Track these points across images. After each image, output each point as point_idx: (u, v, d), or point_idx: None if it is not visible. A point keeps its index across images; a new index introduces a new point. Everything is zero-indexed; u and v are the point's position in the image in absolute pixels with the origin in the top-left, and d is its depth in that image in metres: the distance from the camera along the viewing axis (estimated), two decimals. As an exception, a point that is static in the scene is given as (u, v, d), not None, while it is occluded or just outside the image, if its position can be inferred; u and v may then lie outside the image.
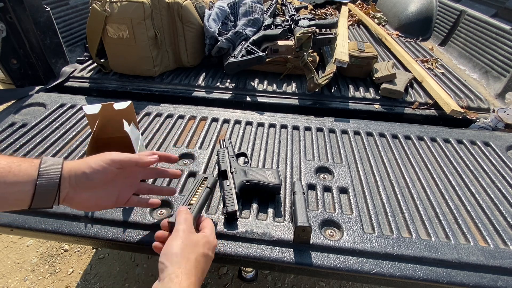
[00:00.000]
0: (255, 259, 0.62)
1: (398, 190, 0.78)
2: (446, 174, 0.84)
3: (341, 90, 1.24)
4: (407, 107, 1.16)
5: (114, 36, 1.17)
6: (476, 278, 0.59)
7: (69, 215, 0.68)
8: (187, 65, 1.35)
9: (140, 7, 1.11)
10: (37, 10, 1.17)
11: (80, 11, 1.54)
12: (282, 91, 1.22)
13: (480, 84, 1.42)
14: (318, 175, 0.82)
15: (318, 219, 0.68)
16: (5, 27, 1.11)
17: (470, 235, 0.67)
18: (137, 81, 1.27)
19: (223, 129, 1.00)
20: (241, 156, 0.87)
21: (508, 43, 1.36)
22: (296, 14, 1.66)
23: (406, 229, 0.68)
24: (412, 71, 1.36)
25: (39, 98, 1.13)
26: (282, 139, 0.95)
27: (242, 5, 1.48)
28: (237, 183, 0.71)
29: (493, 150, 0.95)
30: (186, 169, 0.81)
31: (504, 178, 0.84)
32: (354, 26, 2.09)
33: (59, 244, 1.49)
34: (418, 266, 0.61)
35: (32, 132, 0.95)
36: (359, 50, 1.30)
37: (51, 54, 1.26)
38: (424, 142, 0.97)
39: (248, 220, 0.67)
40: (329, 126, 1.02)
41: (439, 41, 1.84)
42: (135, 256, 1.43)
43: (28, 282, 1.32)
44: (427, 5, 1.97)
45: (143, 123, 1.01)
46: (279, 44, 1.29)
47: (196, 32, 1.29)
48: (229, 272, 1.38)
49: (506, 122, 1.07)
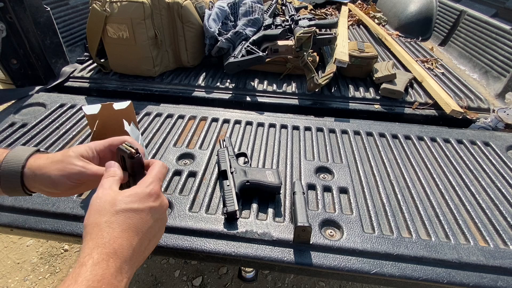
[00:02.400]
0: (255, 259, 0.62)
1: (398, 190, 0.78)
2: (446, 174, 0.84)
3: (341, 90, 1.24)
4: (407, 107, 1.16)
5: (114, 36, 1.17)
6: (476, 278, 0.59)
7: (69, 215, 0.68)
8: (187, 65, 1.35)
9: (140, 7, 1.11)
10: (37, 10, 1.17)
11: (80, 11, 1.54)
12: (282, 91, 1.22)
13: (480, 84, 1.42)
14: (318, 175, 0.82)
15: (318, 219, 0.68)
16: (5, 27, 1.11)
17: (470, 235, 0.67)
18: (137, 81, 1.27)
19: (223, 129, 1.00)
20: (241, 156, 0.87)
21: (508, 43, 1.36)
22: (296, 14, 1.66)
23: (406, 229, 0.68)
24: (412, 71, 1.36)
25: (39, 98, 1.13)
26: (282, 139, 0.95)
27: (242, 5, 1.48)
28: (237, 183, 0.71)
29: (493, 150, 0.95)
30: (186, 169, 0.81)
31: (504, 178, 0.84)
32: (354, 26, 2.09)
33: (59, 244, 1.49)
34: (418, 266, 0.61)
35: (32, 132, 0.95)
36: (359, 50, 1.30)
37: (51, 54, 1.26)
38: (424, 142, 0.97)
39: (248, 220, 0.67)
40: (329, 126, 1.02)
41: (439, 41, 1.84)
42: (135, 256, 1.43)
43: (28, 282, 1.32)
44: (427, 5, 1.97)
45: (143, 123, 1.01)
46: (279, 44, 1.29)
47: (196, 32, 1.29)
48: (229, 272, 1.38)
49: (506, 122, 1.07)
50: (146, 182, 0.43)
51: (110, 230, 0.36)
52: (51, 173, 0.44)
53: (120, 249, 0.35)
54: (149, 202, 0.41)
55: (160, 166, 0.47)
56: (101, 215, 0.37)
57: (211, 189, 0.75)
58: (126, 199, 0.39)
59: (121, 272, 0.34)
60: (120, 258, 0.35)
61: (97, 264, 0.33)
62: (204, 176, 0.80)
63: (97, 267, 0.32)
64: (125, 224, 0.37)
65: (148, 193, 0.41)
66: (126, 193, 0.40)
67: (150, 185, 0.43)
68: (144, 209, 0.40)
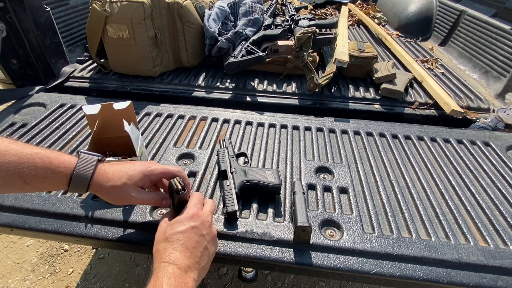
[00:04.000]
0: (255, 259, 0.62)
1: (398, 190, 0.78)
2: (446, 174, 0.84)
3: (341, 90, 1.23)
4: (407, 107, 1.16)
5: (114, 36, 1.17)
6: (476, 278, 0.59)
7: (69, 215, 0.68)
8: (187, 65, 1.35)
9: (140, 7, 1.11)
10: (37, 10, 1.17)
11: (80, 11, 1.54)
12: (282, 91, 1.22)
13: (480, 84, 1.42)
14: (318, 175, 0.82)
15: (318, 219, 0.68)
16: (5, 27, 1.11)
17: (470, 235, 0.67)
18: (137, 81, 1.27)
19: (223, 129, 1.00)
20: (241, 156, 0.87)
21: (508, 43, 1.36)
22: (296, 14, 1.66)
23: (406, 229, 0.68)
24: (412, 71, 1.36)
25: (39, 98, 1.13)
26: (282, 139, 0.95)
27: (242, 5, 1.48)
28: (237, 183, 0.71)
29: (493, 150, 0.95)
30: (186, 169, 0.81)
31: (504, 178, 0.84)
32: (354, 26, 2.09)
33: (59, 244, 1.49)
34: (418, 266, 0.61)
35: (32, 132, 0.95)
36: (359, 50, 1.30)
37: (51, 54, 1.26)
38: (424, 142, 0.97)
39: (248, 220, 0.67)
40: (329, 126, 1.02)
41: (439, 41, 1.84)
42: (135, 256, 1.43)
43: (28, 282, 1.32)
44: (427, 5, 1.97)
45: (143, 123, 1.01)
46: (279, 44, 1.29)
47: (196, 32, 1.29)
48: (229, 272, 1.38)
49: (506, 122, 1.07)
50: (187, 208, 0.54)
51: (166, 251, 0.48)
52: (110, 195, 0.54)
53: (176, 260, 0.46)
54: (190, 223, 0.51)
55: (197, 196, 0.58)
56: (158, 244, 0.50)
57: (211, 189, 0.75)
58: (171, 226, 0.51)
59: (185, 272, 0.46)
60: (177, 265, 0.46)
61: (160, 269, 0.45)
62: (204, 176, 0.80)
63: (162, 270, 0.45)
64: (174, 243, 0.49)
65: (188, 216, 0.52)
66: (172, 222, 0.53)
67: (190, 210, 0.54)
68: (186, 229, 0.51)
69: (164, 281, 0.43)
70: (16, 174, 0.47)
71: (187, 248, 0.48)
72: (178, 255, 0.47)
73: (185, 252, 0.48)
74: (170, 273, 0.44)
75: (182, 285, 0.44)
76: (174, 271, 0.44)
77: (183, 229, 0.50)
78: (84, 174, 0.51)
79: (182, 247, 0.48)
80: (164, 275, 0.44)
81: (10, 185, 0.47)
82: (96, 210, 0.69)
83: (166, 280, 0.43)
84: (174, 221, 0.52)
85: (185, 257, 0.47)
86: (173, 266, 0.45)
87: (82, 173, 0.51)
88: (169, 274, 0.44)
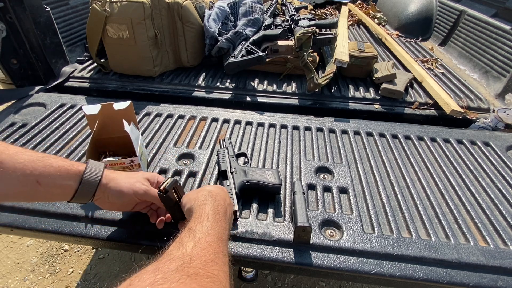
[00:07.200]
0: (255, 259, 0.62)
1: (398, 190, 0.78)
2: (446, 174, 0.84)
3: (341, 90, 1.23)
4: (407, 107, 1.16)
5: (114, 36, 1.17)
6: (476, 278, 0.59)
7: (69, 215, 0.68)
8: (187, 65, 1.35)
9: (140, 7, 1.11)
10: (37, 10, 1.17)
11: (80, 11, 1.53)
12: (282, 91, 1.22)
13: (480, 84, 1.42)
14: (318, 175, 0.82)
15: (318, 219, 0.68)
16: (5, 27, 1.11)
17: (470, 235, 0.67)
18: (137, 81, 1.27)
19: (223, 129, 1.00)
20: (241, 156, 0.87)
21: (508, 43, 1.35)
22: (296, 14, 1.66)
23: (406, 229, 0.68)
24: (412, 71, 1.36)
25: (39, 98, 1.13)
26: (282, 139, 0.95)
27: (242, 5, 1.48)
28: (237, 183, 0.71)
29: (493, 150, 0.95)
30: (186, 169, 0.81)
31: (504, 178, 0.84)
32: (354, 26, 2.09)
33: (59, 244, 1.49)
34: (418, 266, 0.61)
35: (32, 132, 0.95)
36: (359, 50, 1.30)
37: (51, 54, 1.26)
38: (424, 142, 0.97)
39: (248, 220, 0.67)
40: (329, 126, 1.02)
41: (439, 41, 1.84)
42: (135, 256, 1.43)
43: (28, 282, 1.32)
44: (427, 5, 1.97)
45: (143, 123, 1.01)
46: (279, 44, 1.29)
47: (196, 32, 1.29)
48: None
49: (506, 122, 1.07)
50: (184, 196, 0.58)
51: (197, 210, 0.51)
52: (122, 185, 0.56)
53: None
54: (203, 191, 0.55)
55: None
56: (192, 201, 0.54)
57: (211, 189, 0.75)
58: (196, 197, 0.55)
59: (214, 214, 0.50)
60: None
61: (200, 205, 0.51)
62: (204, 176, 0.80)
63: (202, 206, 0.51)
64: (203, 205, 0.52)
65: (195, 192, 0.57)
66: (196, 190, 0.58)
67: (188, 194, 0.57)
68: (206, 194, 0.54)
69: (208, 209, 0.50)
70: (30, 173, 0.48)
71: (208, 205, 0.52)
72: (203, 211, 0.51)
73: (209, 209, 0.51)
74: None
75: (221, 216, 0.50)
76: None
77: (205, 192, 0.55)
78: (93, 180, 0.54)
79: (204, 205, 0.52)
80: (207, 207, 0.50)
81: (22, 185, 0.48)
82: (96, 210, 0.69)
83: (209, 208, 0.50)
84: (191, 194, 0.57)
85: (210, 211, 0.51)
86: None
87: (92, 174, 0.54)
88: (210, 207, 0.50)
